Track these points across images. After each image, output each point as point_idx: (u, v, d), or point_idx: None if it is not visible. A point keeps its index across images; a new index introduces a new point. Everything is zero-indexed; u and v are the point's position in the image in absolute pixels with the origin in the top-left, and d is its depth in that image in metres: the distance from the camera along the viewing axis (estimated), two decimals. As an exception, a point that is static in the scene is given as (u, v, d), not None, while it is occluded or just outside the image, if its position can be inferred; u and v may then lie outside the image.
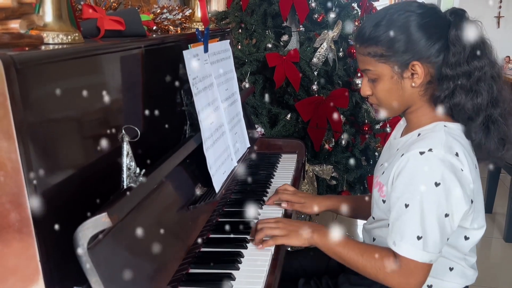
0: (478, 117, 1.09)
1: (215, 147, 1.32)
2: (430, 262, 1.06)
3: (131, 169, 0.92)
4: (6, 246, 0.69)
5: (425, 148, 1.05)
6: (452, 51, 1.07)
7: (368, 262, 1.10)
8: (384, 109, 1.18)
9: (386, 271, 1.08)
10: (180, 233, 1.10)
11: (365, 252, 1.11)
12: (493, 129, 1.11)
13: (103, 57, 0.91)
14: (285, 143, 1.97)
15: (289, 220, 1.24)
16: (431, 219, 1.03)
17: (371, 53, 1.11)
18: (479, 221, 1.15)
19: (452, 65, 1.07)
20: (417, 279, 1.06)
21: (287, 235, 1.18)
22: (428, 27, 1.08)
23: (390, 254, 1.09)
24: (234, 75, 1.63)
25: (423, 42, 1.07)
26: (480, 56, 1.09)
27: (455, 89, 1.08)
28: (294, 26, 2.63)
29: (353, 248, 1.13)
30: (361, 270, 1.12)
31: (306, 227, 1.18)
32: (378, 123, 2.62)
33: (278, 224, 1.20)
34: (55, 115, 0.77)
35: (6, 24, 0.70)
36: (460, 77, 1.07)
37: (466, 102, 1.08)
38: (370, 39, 1.10)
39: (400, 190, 1.07)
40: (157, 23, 1.34)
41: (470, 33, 1.08)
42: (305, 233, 1.17)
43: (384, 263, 1.08)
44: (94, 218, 0.73)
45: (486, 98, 1.09)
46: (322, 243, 1.16)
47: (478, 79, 1.08)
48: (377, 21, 1.10)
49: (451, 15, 1.10)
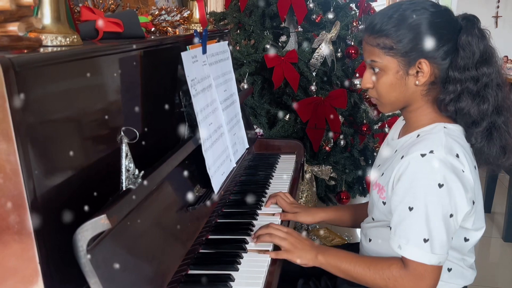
0: (482, 122, 1.10)
1: (214, 148, 1.32)
2: (439, 264, 1.05)
3: (130, 171, 0.92)
4: (5, 248, 0.69)
5: (426, 150, 1.04)
6: (461, 55, 1.07)
7: (377, 274, 1.10)
8: (382, 104, 1.17)
9: (396, 280, 1.07)
10: (179, 234, 1.11)
11: (372, 264, 1.11)
12: (495, 136, 1.11)
13: (101, 59, 0.91)
14: (283, 143, 1.98)
15: (299, 236, 1.22)
16: (437, 221, 1.03)
17: (380, 44, 1.10)
18: (479, 222, 1.16)
19: (460, 69, 1.07)
20: (428, 283, 1.06)
21: (291, 252, 1.17)
22: (440, 27, 1.08)
23: (397, 261, 1.09)
24: (233, 76, 1.63)
25: (432, 42, 1.07)
26: (489, 63, 1.09)
27: (462, 93, 1.08)
28: (292, 26, 2.63)
29: (359, 262, 1.12)
30: (370, 283, 1.11)
31: (312, 248, 1.18)
32: (377, 123, 2.62)
33: (288, 236, 1.19)
34: (54, 117, 0.77)
35: (4, 26, 0.70)
36: (467, 81, 1.08)
37: (472, 107, 1.08)
38: (382, 31, 1.09)
39: (402, 193, 1.06)
40: (155, 25, 1.34)
41: (481, 40, 1.08)
42: (310, 254, 1.17)
43: (393, 271, 1.08)
44: (93, 220, 0.73)
45: (492, 104, 1.09)
46: (327, 262, 1.16)
47: (485, 85, 1.09)
48: (390, 13, 1.09)
49: (463, 20, 1.10)
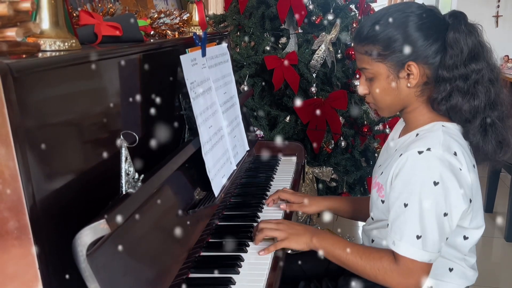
0: (475, 119, 1.10)
1: (214, 151, 1.32)
2: (429, 262, 1.06)
3: (129, 175, 0.91)
4: (5, 253, 0.69)
5: (424, 148, 1.05)
6: (450, 53, 1.08)
7: (367, 263, 1.10)
8: (380, 108, 1.19)
9: (386, 272, 1.08)
10: (180, 237, 1.10)
11: (364, 254, 1.12)
12: (490, 132, 1.11)
13: (100, 64, 0.91)
14: (284, 145, 1.97)
15: (291, 223, 1.24)
16: (430, 218, 1.03)
17: (368, 51, 1.11)
18: (478, 221, 1.15)
19: (449, 67, 1.08)
20: (416, 279, 1.06)
21: (287, 239, 1.18)
22: (426, 28, 1.08)
23: (389, 254, 1.09)
24: (233, 79, 1.63)
25: (420, 43, 1.08)
26: (478, 59, 1.09)
27: (452, 91, 1.08)
28: (292, 28, 2.63)
29: (352, 250, 1.13)
30: (360, 272, 1.12)
31: (306, 231, 1.19)
32: (378, 124, 2.62)
33: (279, 226, 1.20)
34: (53, 122, 0.77)
35: (2, 32, 0.70)
36: (457, 79, 1.08)
37: (463, 104, 1.08)
38: (368, 38, 1.11)
39: (398, 190, 1.07)
40: (154, 28, 1.33)
41: (468, 36, 1.08)
42: (305, 237, 1.18)
43: (383, 263, 1.08)
44: (93, 224, 0.73)
45: (483, 100, 1.09)
46: (321, 246, 1.17)
47: (475, 82, 1.09)
48: (376, 20, 1.11)
49: (450, 18, 1.10)
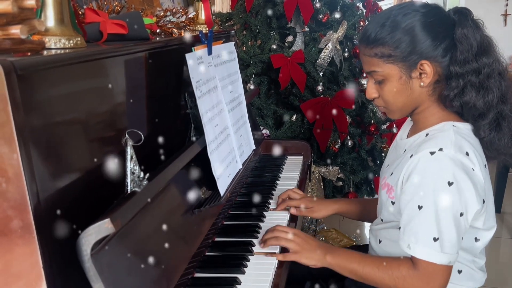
0: (489, 114, 1.08)
1: (220, 150, 1.31)
2: (449, 264, 1.04)
3: (135, 173, 0.91)
4: (9, 253, 0.69)
5: (435, 148, 1.03)
6: (460, 49, 1.06)
7: (385, 274, 1.08)
8: (391, 111, 1.17)
9: (405, 279, 1.06)
10: (185, 237, 1.10)
11: (381, 264, 1.09)
12: (504, 126, 1.10)
13: (105, 62, 0.91)
14: (290, 144, 1.96)
15: (307, 236, 1.20)
16: (447, 220, 1.01)
17: (378, 53, 1.10)
18: (490, 222, 1.14)
19: (460, 63, 1.06)
20: (438, 283, 1.04)
21: (299, 253, 1.16)
22: (434, 25, 1.07)
23: (407, 261, 1.07)
24: (239, 77, 1.62)
25: (429, 42, 1.07)
26: (488, 53, 1.09)
27: (465, 87, 1.07)
28: (299, 27, 2.62)
29: (368, 262, 1.11)
30: (379, 283, 1.10)
31: (319, 248, 1.16)
32: (385, 123, 2.60)
33: (294, 237, 1.17)
34: (57, 120, 0.76)
35: (7, 29, 0.69)
36: (469, 74, 1.06)
37: (477, 100, 1.07)
38: (376, 40, 1.09)
39: (411, 192, 1.05)
40: (160, 26, 1.33)
41: (476, 31, 1.07)
42: (317, 255, 1.15)
43: (402, 271, 1.06)
44: (97, 224, 0.72)
45: (496, 94, 1.08)
46: (336, 263, 1.14)
47: (487, 76, 1.08)
48: (382, 21, 1.09)
49: (455, 14, 1.09)
